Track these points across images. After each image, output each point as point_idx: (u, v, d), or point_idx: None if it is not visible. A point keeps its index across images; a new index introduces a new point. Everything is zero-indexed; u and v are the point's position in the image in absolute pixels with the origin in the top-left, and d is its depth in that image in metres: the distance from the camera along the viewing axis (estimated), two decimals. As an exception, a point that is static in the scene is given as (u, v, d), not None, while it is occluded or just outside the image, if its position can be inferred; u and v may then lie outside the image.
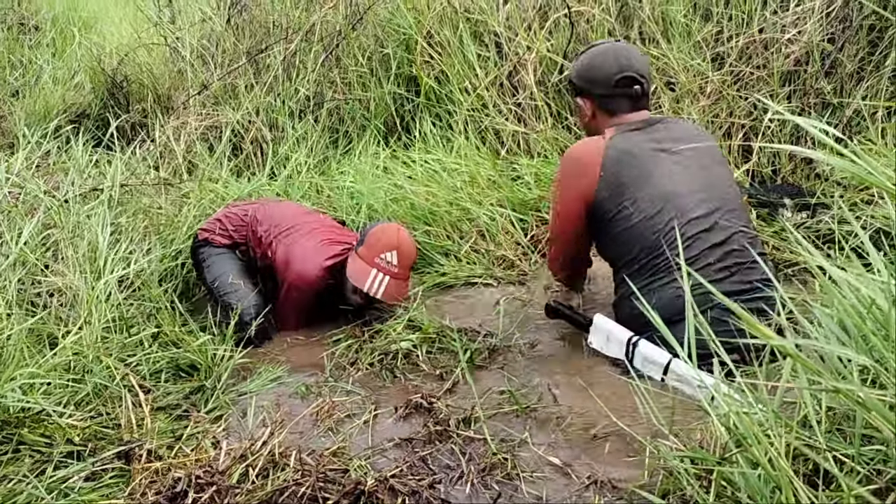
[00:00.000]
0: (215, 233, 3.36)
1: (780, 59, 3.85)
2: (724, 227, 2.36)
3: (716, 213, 2.38)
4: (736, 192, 2.50)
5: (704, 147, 2.50)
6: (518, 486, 1.94)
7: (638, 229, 2.41)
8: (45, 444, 2.15)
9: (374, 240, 3.06)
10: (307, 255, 3.15)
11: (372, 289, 3.01)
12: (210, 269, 3.29)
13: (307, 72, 4.83)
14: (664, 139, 2.49)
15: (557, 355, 2.68)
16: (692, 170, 2.44)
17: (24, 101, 5.24)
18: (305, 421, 2.37)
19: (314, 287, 3.14)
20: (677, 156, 2.46)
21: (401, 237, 3.08)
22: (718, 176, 2.48)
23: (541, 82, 4.30)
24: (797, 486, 1.31)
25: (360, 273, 3.04)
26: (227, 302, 3.13)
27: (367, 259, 3.04)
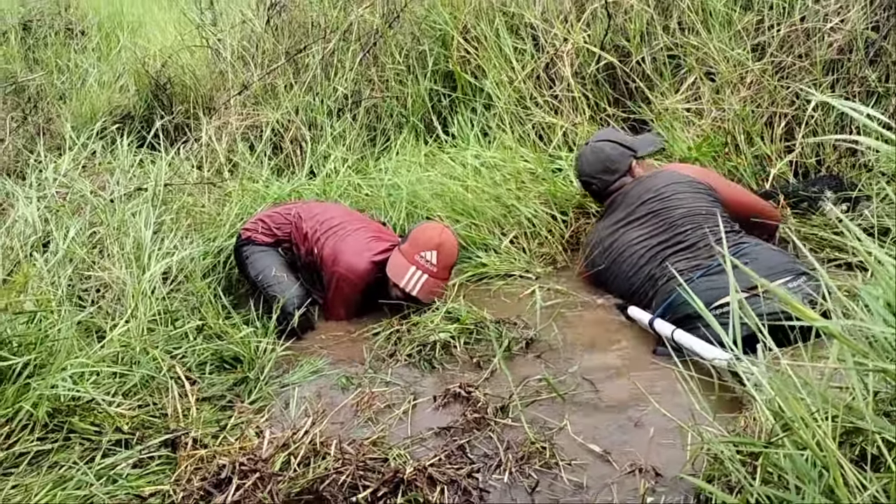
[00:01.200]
0: (258, 231, 3.42)
1: (823, 48, 3.79)
2: (684, 244, 2.86)
3: (668, 239, 2.90)
4: (692, 209, 2.95)
5: (655, 199, 3.03)
6: (557, 473, 1.95)
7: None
8: (95, 432, 2.20)
9: (416, 237, 3.11)
10: (358, 249, 3.20)
11: (409, 286, 3.05)
12: (253, 264, 3.34)
13: (345, 70, 4.87)
14: (620, 219, 3.11)
15: (595, 345, 2.67)
16: (647, 224, 3.01)
17: (70, 104, 5.35)
18: (346, 411, 2.40)
19: (364, 280, 3.18)
20: (634, 224, 3.05)
21: (443, 237, 3.11)
22: (670, 213, 2.98)
23: (578, 73, 4.28)
24: (845, 468, 1.29)
25: (399, 269, 3.09)
26: (270, 294, 3.19)
27: (408, 256, 3.09)
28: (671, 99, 4.02)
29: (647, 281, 2.87)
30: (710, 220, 2.87)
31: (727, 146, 3.72)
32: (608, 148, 3.25)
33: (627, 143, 3.30)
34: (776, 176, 3.59)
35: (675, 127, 3.90)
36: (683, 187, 3.02)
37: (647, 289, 2.87)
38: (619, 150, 3.25)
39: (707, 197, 3.00)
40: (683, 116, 3.93)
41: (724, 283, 2.46)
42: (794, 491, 1.39)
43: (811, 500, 1.35)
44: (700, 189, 3.02)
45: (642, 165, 3.30)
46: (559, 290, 3.12)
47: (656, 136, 3.52)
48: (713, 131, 3.78)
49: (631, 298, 2.93)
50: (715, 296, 2.45)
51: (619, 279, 3.01)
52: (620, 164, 3.22)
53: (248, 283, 3.42)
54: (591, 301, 3.04)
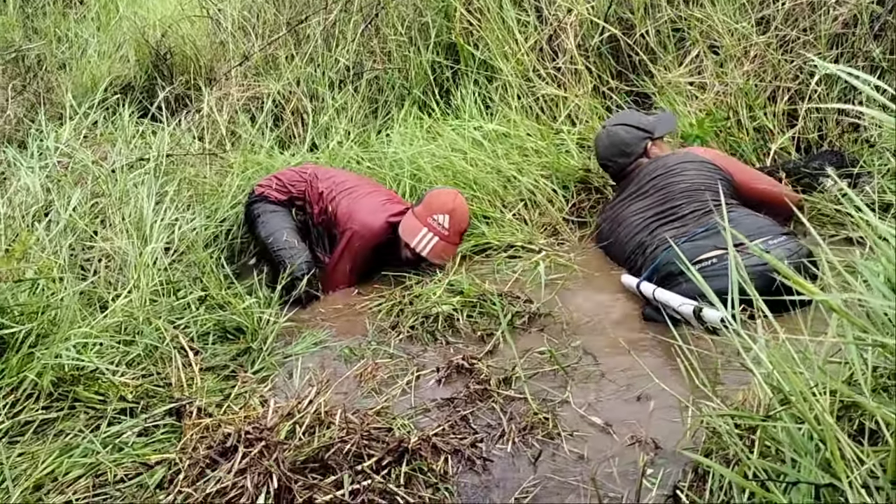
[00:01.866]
0: (272, 188, 3.45)
1: (828, 22, 3.76)
2: (677, 215, 2.95)
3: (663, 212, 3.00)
4: (693, 185, 3.02)
5: (663, 176, 3.12)
6: (559, 444, 1.97)
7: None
8: (100, 401, 2.22)
9: (430, 201, 3.21)
10: (374, 208, 3.29)
11: (419, 246, 3.15)
12: (265, 224, 3.36)
13: (347, 42, 4.84)
14: (629, 194, 3.21)
15: (598, 318, 2.68)
16: (650, 197, 3.11)
17: (71, 74, 5.32)
18: (349, 382, 2.41)
19: (377, 237, 3.25)
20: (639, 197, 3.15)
21: (457, 202, 3.22)
22: (673, 187, 3.06)
23: (581, 46, 4.26)
24: (842, 442, 1.31)
25: (411, 229, 3.19)
26: (280, 258, 3.22)
27: (421, 217, 3.19)
28: (674, 72, 4.00)
29: (638, 248, 2.97)
30: (706, 194, 2.94)
31: (729, 121, 3.71)
32: (622, 132, 3.33)
33: (643, 124, 3.35)
34: (777, 151, 3.59)
35: (678, 101, 3.88)
36: (693, 166, 3.09)
37: (637, 256, 2.96)
38: (634, 134, 3.32)
39: (713, 175, 3.04)
40: (686, 91, 3.92)
41: (705, 244, 2.67)
42: (791, 464, 1.40)
43: (808, 473, 1.36)
44: (709, 168, 3.08)
45: (659, 146, 3.35)
46: (562, 264, 3.12)
47: (670, 114, 3.53)
48: (715, 106, 3.77)
49: (625, 265, 3.05)
50: (696, 254, 2.62)
51: (616, 247, 3.14)
52: (635, 146, 3.31)
53: (255, 245, 3.44)
54: (594, 274, 3.05)
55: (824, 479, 1.32)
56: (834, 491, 1.30)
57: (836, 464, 1.28)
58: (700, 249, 2.65)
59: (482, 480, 1.89)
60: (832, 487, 1.30)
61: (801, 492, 1.34)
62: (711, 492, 1.60)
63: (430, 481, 1.86)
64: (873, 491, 1.24)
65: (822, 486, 1.31)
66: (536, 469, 1.90)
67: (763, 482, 1.43)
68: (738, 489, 1.49)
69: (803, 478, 1.35)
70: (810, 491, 1.33)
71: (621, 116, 3.49)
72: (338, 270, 3.29)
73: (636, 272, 2.88)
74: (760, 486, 1.41)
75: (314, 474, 1.85)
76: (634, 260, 2.98)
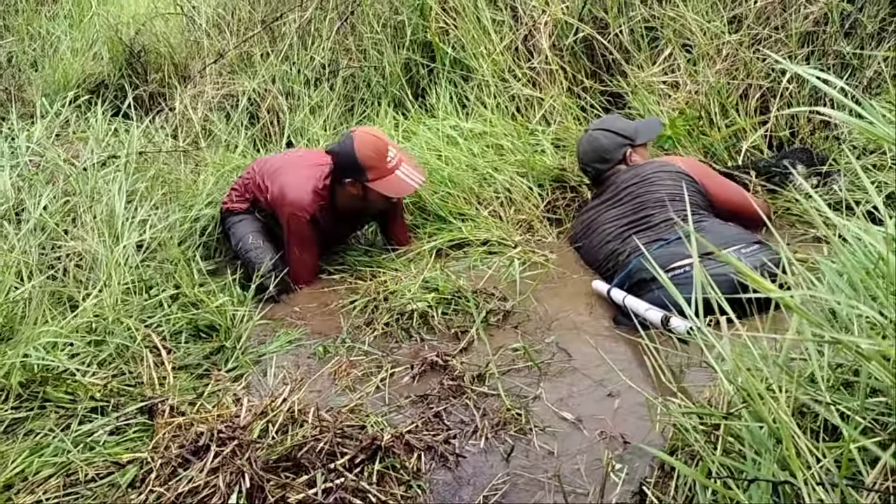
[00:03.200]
0: (233, 200, 3.49)
1: (799, 20, 3.80)
2: (649, 224, 2.96)
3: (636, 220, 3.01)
4: (667, 195, 3.01)
5: (638, 184, 3.11)
6: (531, 439, 1.98)
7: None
8: (70, 400, 2.21)
9: (368, 156, 3.12)
10: (298, 183, 3.24)
11: (414, 184, 3.17)
12: (234, 234, 3.40)
13: (322, 39, 4.83)
14: (604, 200, 3.21)
15: (571, 316, 2.69)
16: (625, 205, 3.12)
17: (43, 72, 5.27)
18: (324, 380, 2.41)
19: (310, 211, 3.21)
20: (614, 205, 3.15)
21: (377, 134, 3.22)
22: (647, 196, 3.06)
23: (555, 45, 4.28)
24: (798, 440, 1.32)
25: (396, 187, 3.16)
26: (248, 260, 3.25)
27: (385, 172, 3.14)
28: (647, 71, 4.03)
29: (611, 256, 2.98)
30: (680, 204, 2.95)
31: (701, 119, 3.74)
32: (602, 137, 3.32)
33: (624, 131, 3.34)
34: (749, 150, 3.62)
35: (651, 101, 3.91)
36: (668, 176, 3.09)
37: (610, 263, 2.97)
38: (614, 140, 3.30)
39: (688, 186, 3.05)
40: (659, 90, 3.94)
41: (677, 251, 2.68)
42: (752, 462, 1.42)
43: (767, 471, 1.38)
44: (684, 178, 3.08)
45: (640, 153, 3.34)
46: (537, 262, 3.13)
47: (656, 120, 3.53)
48: (688, 105, 3.80)
49: (598, 272, 3.05)
50: (668, 261, 2.63)
51: (590, 254, 3.14)
52: (614, 153, 3.29)
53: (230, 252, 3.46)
54: (569, 273, 3.06)
55: (782, 477, 1.34)
56: (792, 488, 1.32)
57: (791, 461, 1.30)
58: (672, 257, 2.65)
59: (454, 477, 1.90)
60: (790, 485, 1.32)
61: (760, 489, 1.36)
62: (677, 488, 1.61)
63: (402, 479, 1.87)
64: (828, 488, 1.26)
65: (780, 483, 1.33)
66: (508, 465, 1.91)
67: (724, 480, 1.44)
68: (701, 486, 1.51)
69: (762, 475, 1.37)
70: (768, 488, 1.35)
71: (604, 121, 3.48)
72: (293, 259, 3.28)
73: (609, 278, 2.88)
74: (721, 485, 1.43)
75: (287, 473, 1.85)
76: (607, 266, 2.99)
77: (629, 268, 2.75)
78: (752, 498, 1.36)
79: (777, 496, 1.34)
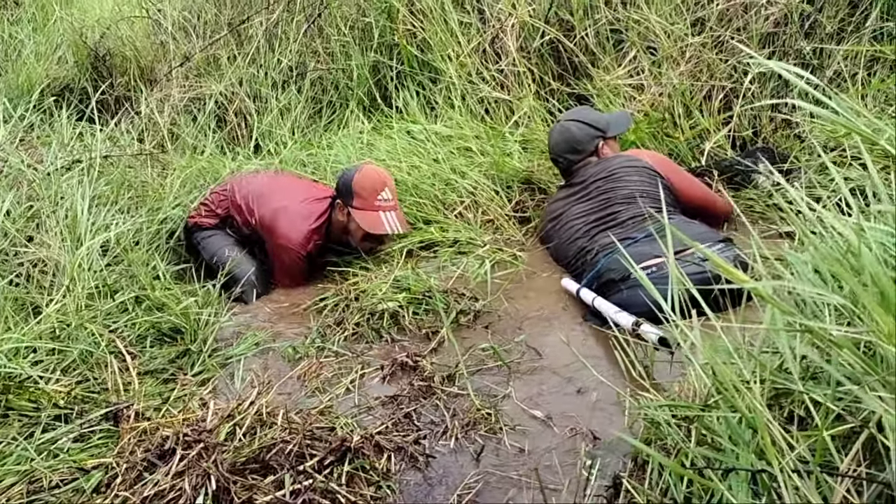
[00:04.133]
0: (202, 215, 3.45)
1: (760, 22, 3.85)
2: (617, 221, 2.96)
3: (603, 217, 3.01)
4: (634, 191, 3.03)
5: (606, 179, 3.12)
6: (502, 439, 1.98)
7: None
8: (33, 408, 2.17)
9: (363, 187, 3.19)
10: (293, 221, 3.24)
11: (390, 228, 3.18)
12: (206, 248, 3.37)
13: (289, 42, 4.81)
14: (573, 192, 3.22)
15: (542, 314, 2.70)
16: (592, 201, 3.11)
17: (6, 76, 5.20)
18: (293, 382, 2.39)
19: (304, 249, 3.23)
20: (582, 199, 3.15)
21: (381, 173, 3.27)
22: (615, 192, 3.06)
23: (523, 48, 4.29)
24: (773, 429, 1.34)
25: (373, 222, 3.18)
26: (227, 271, 3.17)
27: (370, 207, 3.18)
28: (613, 74, 4.06)
29: (580, 253, 2.97)
30: (647, 200, 2.96)
31: (665, 121, 3.77)
32: (574, 128, 3.32)
33: (597, 122, 3.34)
34: (712, 150, 3.66)
35: (616, 103, 3.94)
36: (635, 171, 3.10)
37: (579, 261, 2.96)
38: (586, 131, 3.31)
39: (655, 182, 3.07)
40: (624, 92, 3.97)
41: (644, 251, 2.65)
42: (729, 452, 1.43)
43: (744, 460, 1.39)
44: (651, 174, 3.10)
45: (611, 145, 3.35)
46: (507, 261, 3.14)
47: (626, 114, 3.54)
48: (652, 107, 3.83)
49: (567, 269, 3.05)
50: (636, 260, 2.53)
51: (559, 250, 3.14)
52: (586, 144, 3.30)
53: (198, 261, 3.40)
54: (538, 271, 3.07)
55: (758, 466, 1.35)
56: (769, 476, 1.34)
57: (767, 450, 1.31)
58: (641, 257, 2.61)
59: (425, 477, 1.89)
60: (766, 473, 1.33)
61: (739, 478, 1.37)
62: (651, 481, 1.62)
63: (372, 479, 1.86)
64: (804, 475, 1.28)
65: (757, 472, 1.34)
66: (479, 464, 1.91)
67: (700, 470, 1.45)
68: (677, 477, 1.52)
69: (739, 465, 1.38)
70: (747, 477, 1.36)
71: (576, 112, 3.48)
72: (282, 284, 3.31)
73: (578, 276, 2.88)
74: (698, 474, 1.44)
75: (255, 475, 1.83)
76: (576, 264, 2.98)
77: (597, 267, 2.75)
78: (730, 488, 1.37)
79: (755, 485, 1.35)
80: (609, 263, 2.69)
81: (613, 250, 2.71)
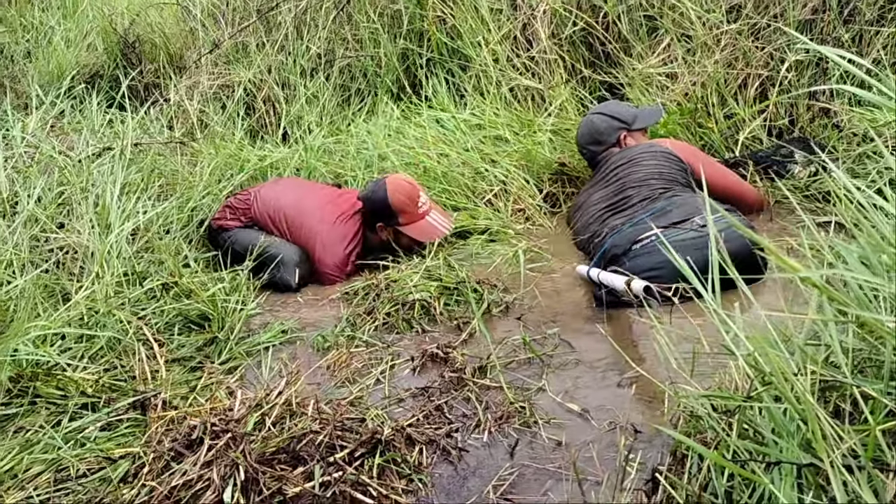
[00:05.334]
0: (227, 218, 3.41)
1: (798, 8, 3.76)
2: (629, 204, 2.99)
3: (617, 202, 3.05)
4: (650, 174, 3.05)
5: (624, 166, 3.15)
6: (537, 432, 1.93)
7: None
8: (60, 396, 2.15)
9: (402, 201, 3.18)
10: (327, 246, 3.21)
11: (443, 230, 3.22)
12: (238, 242, 3.29)
13: (318, 29, 4.76)
14: (595, 182, 3.27)
15: (574, 305, 2.65)
16: (609, 187, 3.16)
17: (37, 63, 5.21)
18: (322, 371, 2.36)
19: (342, 273, 3.20)
20: (601, 186, 3.20)
21: (408, 181, 3.27)
22: (630, 177, 3.09)
23: (554, 35, 4.22)
24: (823, 421, 1.28)
25: (425, 231, 3.20)
26: (269, 254, 3.16)
27: (416, 217, 3.20)
28: (646, 62, 3.98)
29: (592, 237, 3.01)
30: (660, 181, 2.99)
31: (698, 111, 3.69)
32: (598, 120, 3.38)
33: (620, 115, 3.37)
34: (746, 140, 3.58)
35: (649, 92, 3.86)
36: (651, 156, 3.11)
37: (591, 245, 3.00)
38: (608, 123, 3.35)
39: (671, 165, 3.07)
40: (657, 81, 3.90)
41: (644, 227, 2.73)
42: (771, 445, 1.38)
43: (788, 453, 1.34)
44: (668, 157, 3.10)
45: (636, 137, 3.36)
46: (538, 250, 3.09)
47: (658, 107, 3.50)
48: (686, 96, 3.75)
49: (583, 252, 3.11)
50: (637, 234, 2.72)
51: (577, 235, 3.20)
52: (609, 136, 3.35)
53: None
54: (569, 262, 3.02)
55: (805, 459, 1.30)
56: (815, 471, 1.28)
57: (816, 443, 1.26)
58: (640, 231, 2.70)
59: (457, 470, 1.85)
60: (813, 467, 1.28)
61: (784, 472, 1.32)
62: (690, 474, 1.57)
63: (403, 472, 1.82)
64: (854, 470, 1.22)
65: (805, 465, 1.29)
66: (514, 457, 1.86)
67: (743, 463, 1.40)
68: (717, 471, 1.47)
69: (785, 458, 1.33)
70: (792, 471, 1.31)
71: (603, 105, 3.52)
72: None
73: (592, 259, 2.93)
74: (741, 467, 1.38)
75: (284, 466, 1.80)
76: (589, 249, 3.02)
77: (603, 248, 2.79)
78: (773, 481, 1.32)
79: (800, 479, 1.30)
80: (613, 241, 2.78)
81: (619, 230, 2.82)
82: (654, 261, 2.55)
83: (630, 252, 2.66)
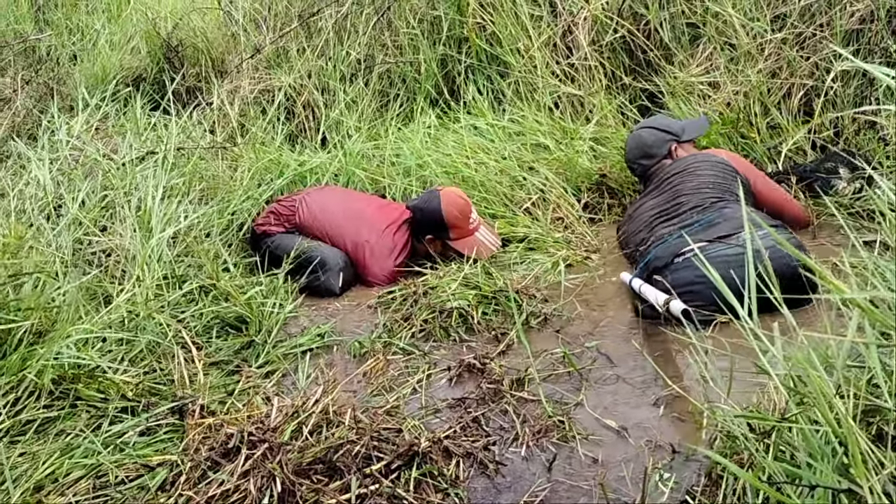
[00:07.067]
0: (271, 224, 3.43)
1: (845, 18, 3.69)
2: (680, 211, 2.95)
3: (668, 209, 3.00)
4: (703, 182, 2.99)
5: (678, 174, 3.10)
6: (574, 448, 1.91)
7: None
8: (101, 399, 2.18)
9: (455, 217, 3.22)
10: (376, 258, 3.22)
11: (493, 247, 3.25)
12: (281, 246, 3.30)
13: (358, 35, 4.78)
14: (648, 192, 3.23)
15: (614, 317, 2.63)
16: (663, 195, 3.11)
17: (82, 66, 5.29)
18: (358, 379, 2.37)
19: (391, 280, 3.21)
20: (655, 195, 3.15)
21: (461, 196, 3.29)
22: (684, 185, 3.04)
23: (595, 42, 4.20)
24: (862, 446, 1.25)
25: (474, 248, 3.20)
26: (311, 256, 3.18)
27: (467, 233, 3.24)
28: (687, 70, 3.93)
29: (640, 245, 2.99)
30: (716, 191, 2.94)
31: (740, 121, 3.64)
32: (646, 133, 3.35)
33: (669, 127, 3.35)
34: (789, 152, 3.51)
35: (690, 101, 3.82)
36: (709, 165, 3.07)
37: (638, 252, 2.98)
38: (657, 136, 3.32)
39: (726, 175, 3.02)
40: (699, 90, 3.85)
41: (693, 238, 2.65)
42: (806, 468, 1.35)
43: (824, 477, 1.31)
44: (725, 168, 3.05)
45: (686, 148, 3.33)
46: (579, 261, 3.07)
47: (703, 119, 3.47)
48: (728, 106, 3.70)
49: (629, 259, 3.09)
50: (680, 247, 2.66)
51: (626, 245, 3.17)
52: (659, 148, 3.31)
53: None
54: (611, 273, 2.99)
55: (842, 484, 1.27)
56: (851, 496, 1.26)
57: (856, 468, 1.23)
58: (683, 243, 2.66)
59: (494, 485, 1.84)
60: (850, 493, 1.25)
61: (818, 496, 1.29)
62: (724, 496, 1.55)
63: (440, 486, 1.81)
64: (894, 497, 1.20)
65: (843, 490, 1.26)
66: (550, 473, 1.85)
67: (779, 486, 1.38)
68: (753, 493, 1.44)
69: (822, 481, 1.30)
70: (827, 495, 1.28)
71: (650, 119, 3.50)
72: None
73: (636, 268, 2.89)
74: (776, 490, 1.36)
75: (320, 477, 1.80)
76: (635, 256, 3.00)
77: (647, 258, 2.75)
78: (807, 505, 1.29)
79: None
80: (656, 252, 2.73)
81: (665, 240, 2.77)
82: (694, 275, 2.52)
83: (672, 265, 2.62)
